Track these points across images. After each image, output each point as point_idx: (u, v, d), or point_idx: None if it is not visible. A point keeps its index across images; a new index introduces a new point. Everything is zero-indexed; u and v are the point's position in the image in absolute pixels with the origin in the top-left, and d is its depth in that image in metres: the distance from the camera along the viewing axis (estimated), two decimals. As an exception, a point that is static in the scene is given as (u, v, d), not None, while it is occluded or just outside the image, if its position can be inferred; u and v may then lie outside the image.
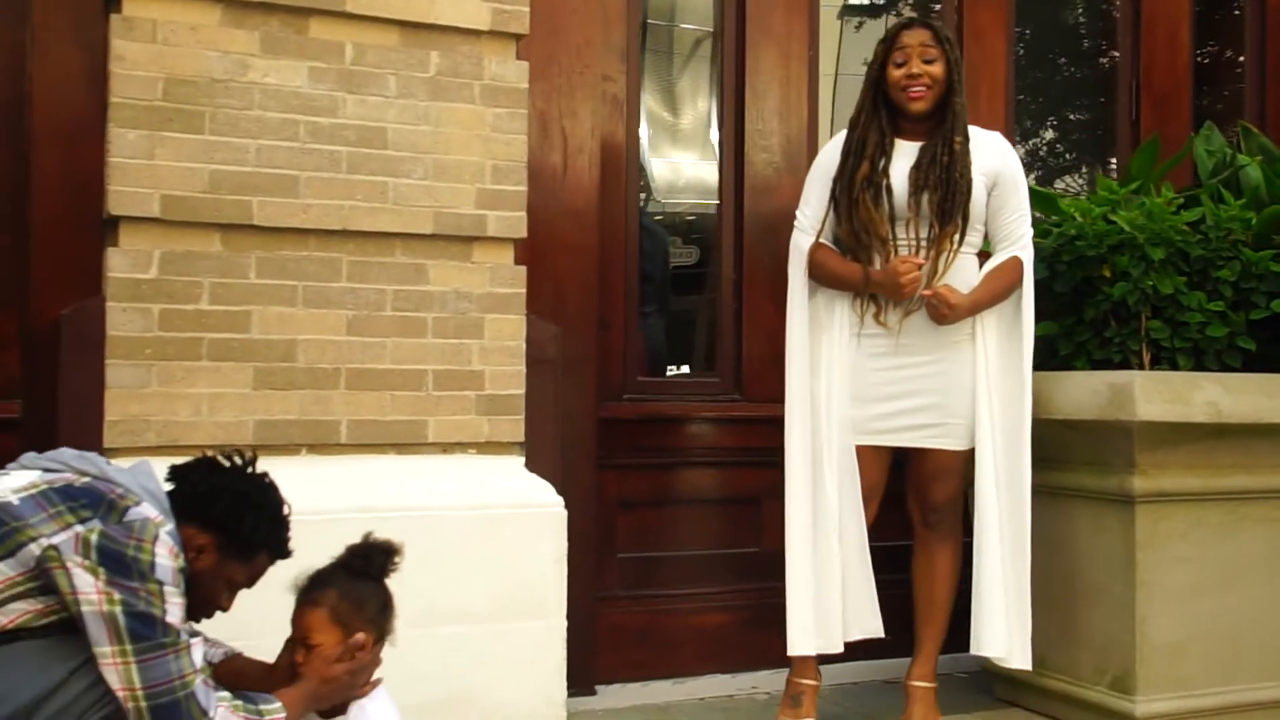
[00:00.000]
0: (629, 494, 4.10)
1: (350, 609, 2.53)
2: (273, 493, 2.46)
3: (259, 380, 3.42)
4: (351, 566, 2.58)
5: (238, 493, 2.39)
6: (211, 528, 2.36)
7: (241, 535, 2.38)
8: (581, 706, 3.74)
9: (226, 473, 2.43)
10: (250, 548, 2.41)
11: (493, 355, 3.68)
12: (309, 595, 2.53)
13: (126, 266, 3.30)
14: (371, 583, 2.59)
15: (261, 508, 2.41)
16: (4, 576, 2.14)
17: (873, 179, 3.44)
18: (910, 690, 3.51)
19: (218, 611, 2.46)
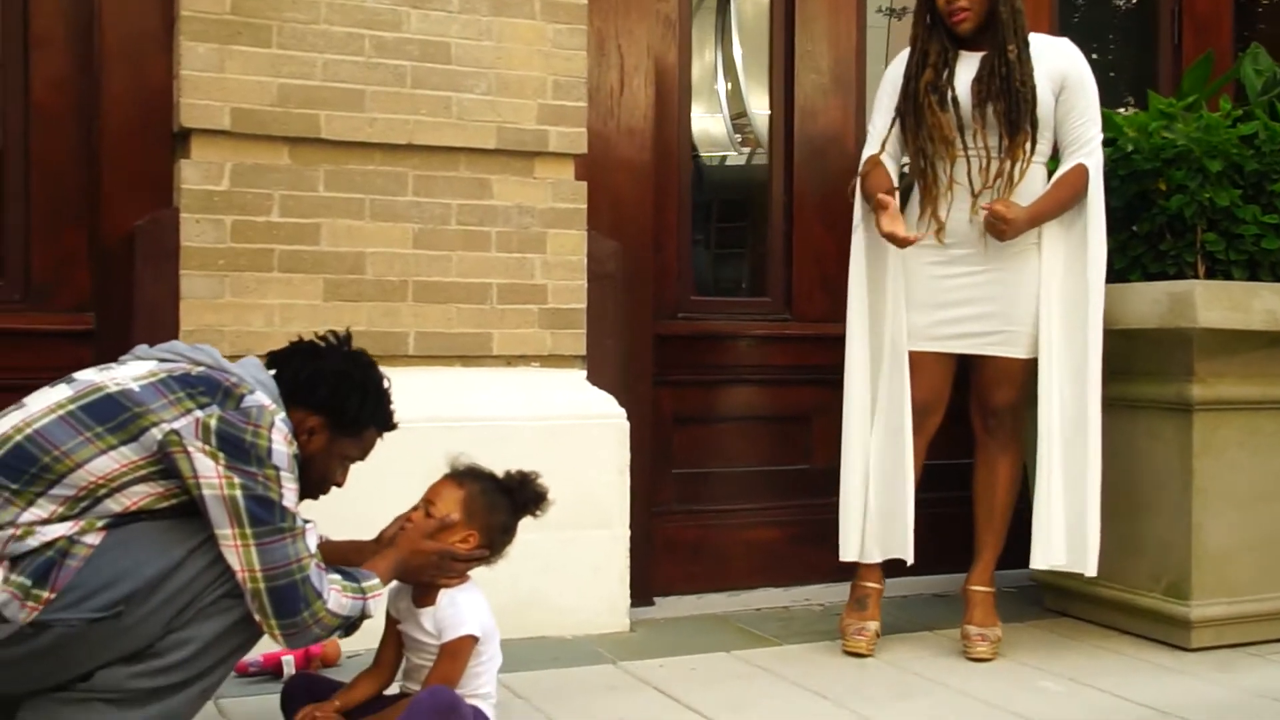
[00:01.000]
0: (684, 410, 4.15)
1: (481, 507, 2.61)
2: (373, 369, 2.52)
3: (329, 292, 3.46)
4: (504, 482, 2.65)
5: (340, 373, 2.45)
6: (320, 409, 2.41)
7: (349, 413, 2.44)
8: (641, 616, 3.80)
9: (327, 354, 2.49)
10: (358, 424, 2.47)
11: (555, 270, 3.72)
12: (458, 475, 2.64)
13: (199, 178, 3.33)
14: (511, 509, 2.66)
15: (365, 385, 2.47)
16: (127, 460, 2.19)
17: (937, 85, 3.46)
18: (969, 596, 3.57)
19: (334, 488, 2.52)
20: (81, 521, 2.15)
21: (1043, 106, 3.43)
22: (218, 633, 2.24)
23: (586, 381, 3.76)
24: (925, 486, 3.61)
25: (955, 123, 3.43)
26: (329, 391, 2.42)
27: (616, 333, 3.85)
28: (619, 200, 3.95)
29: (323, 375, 2.43)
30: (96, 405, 2.21)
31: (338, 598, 2.30)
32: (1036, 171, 3.48)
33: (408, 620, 2.65)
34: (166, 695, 2.20)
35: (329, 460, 2.46)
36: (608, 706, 2.98)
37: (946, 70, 3.47)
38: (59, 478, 2.15)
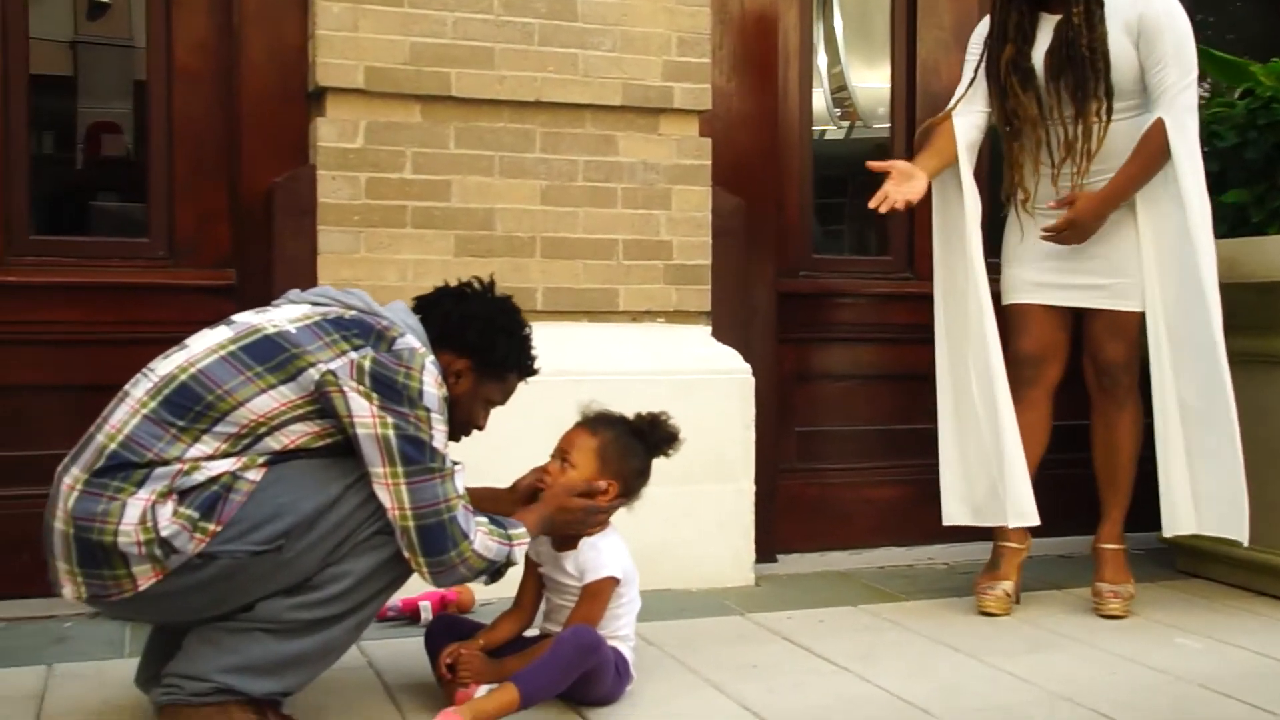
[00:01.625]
0: (806, 368, 4.16)
1: (616, 454, 2.65)
2: (517, 314, 2.57)
3: (459, 247, 3.52)
4: (636, 426, 2.68)
5: (487, 317, 2.50)
6: (467, 352, 2.46)
7: (495, 357, 2.49)
8: (764, 572, 3.81)
9: (473, 299, 2.53)
10: (503, 367, 2.52)
11: (680, 225, 3.74)
12: (593, 424, 2.67)
13: (334, 136, 3.40)
14: (643, 448, 2.69)
15: (510, 330, 2.52)
16: (286, 399, 2.26)
17: (1019, 63, 3.41)
18: (1099, 553, 3.53)
19: (475, 431, 2.58)
20: (244, 458, 2.23)
21: (1122, 61, 3.32)
22: (372, 568, 2.30)
23: (711, 337, 3.77)
24: (1053, 447, 3.58)
25: (1036, 101, 3.38)
26: (476, 335, 2.47)
27: (740, 289, 3.86)
28: (742, 157, 3.95)
29: (471, 318, 2.48)
30: (256, 346, 2.28)
31: (484, 540, 2.35)
32: (1128, 128, 3.36)
33: (549, 563, 2.70)
34: (324, 627, 2.27)
35: (473, 403, 2.51)
36: (739, 654, 3.00)
37: (1026, 44, 3.41)
38: (222, 415, 2.22)
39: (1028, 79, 3.40)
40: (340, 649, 2.34)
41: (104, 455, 2.19)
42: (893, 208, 3.28)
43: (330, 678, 2.49)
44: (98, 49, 4.69)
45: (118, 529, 2.14)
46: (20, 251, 3.40)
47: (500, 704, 2.36)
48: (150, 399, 2.24)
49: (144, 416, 2.22)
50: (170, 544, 2.15)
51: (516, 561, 2.44)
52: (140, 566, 2.16)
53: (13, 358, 3.34)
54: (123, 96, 4.29)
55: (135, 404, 2.24)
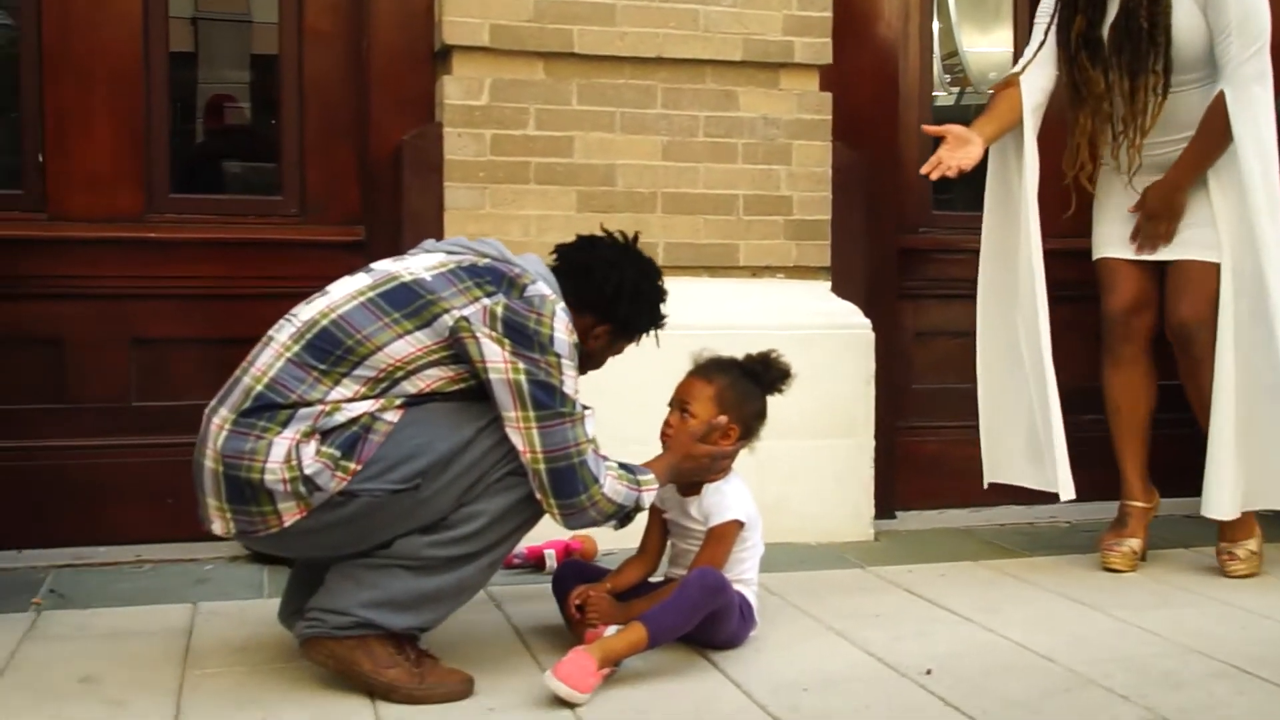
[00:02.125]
0: (925, 324, 4.14)
1: (734, 398, 2.68)
2: (650, 266, 2.61)
3: (582, 203, 3.56)
4: (750, 369, 2.71)
5: (618, 268, 2.54)
6: (600, 311, 2.52)
7: (623, 307, 2.53)
8: (883, 528, 3.82)
9: (607, 251, 2.57)
10: (631, 318, 2.56)
11: (800, 181, 3.74)
12: (707, 372, 2.70)
13: (460, 94, 3.47)
14: (758, 388, 2.72)
15: (639, 281, 2.56)
16: (421, 345, 2.32)
17: (1089, 35, 3.34)
18: None
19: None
20: (382, 400, 2.30)
21: (1191, 33, 3.25)
22: (505, 508, 2.36)
23: (831, 293, 3.77)
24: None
25: (1103, 74, 3.32)
26: (612, 293, 2.52)
27: (860, 245, 3.85)
28: (861, 112, 3.93)
29: (602, 268, 2.52)
30: (393, 293, 2.35)
31: (614, 484, 2.39)
32: (1192, 99, 3.30)
33: (674, 509, 2.74)
34: (459, 565, 2.34)
35: (603, 355, 2.58)
36: (861, 604, 3.02)
37: (1097, 15, 3.33)
38: (361, 359, 2.29)
39: (1096, 52, 3.34)
40: (474, 587, 2.41)
41: (250, 396, 2.28)
42: (944, 174, 3.23)
43: (462, 619, 2.57)
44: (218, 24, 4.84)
45: (264, 466, 2.23)
46: (161, 209, 3.52)
47: (629, 643, 2.40)
48: (294, 343, 2.32)
49: (288, 360, 2.30)
50: (313, 481, 2.23)
51: (645, 507, 2.49)
52: (285, 503, 2.25)
53: (154, 311, 3.48)
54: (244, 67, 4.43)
55: (280, 348, 2.33)
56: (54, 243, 3.40)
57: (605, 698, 2.34)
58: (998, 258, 3.51)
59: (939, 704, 2.35)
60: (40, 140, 3.42)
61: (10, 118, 3.50)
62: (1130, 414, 3.47)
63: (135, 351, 3.47)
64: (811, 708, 2.32)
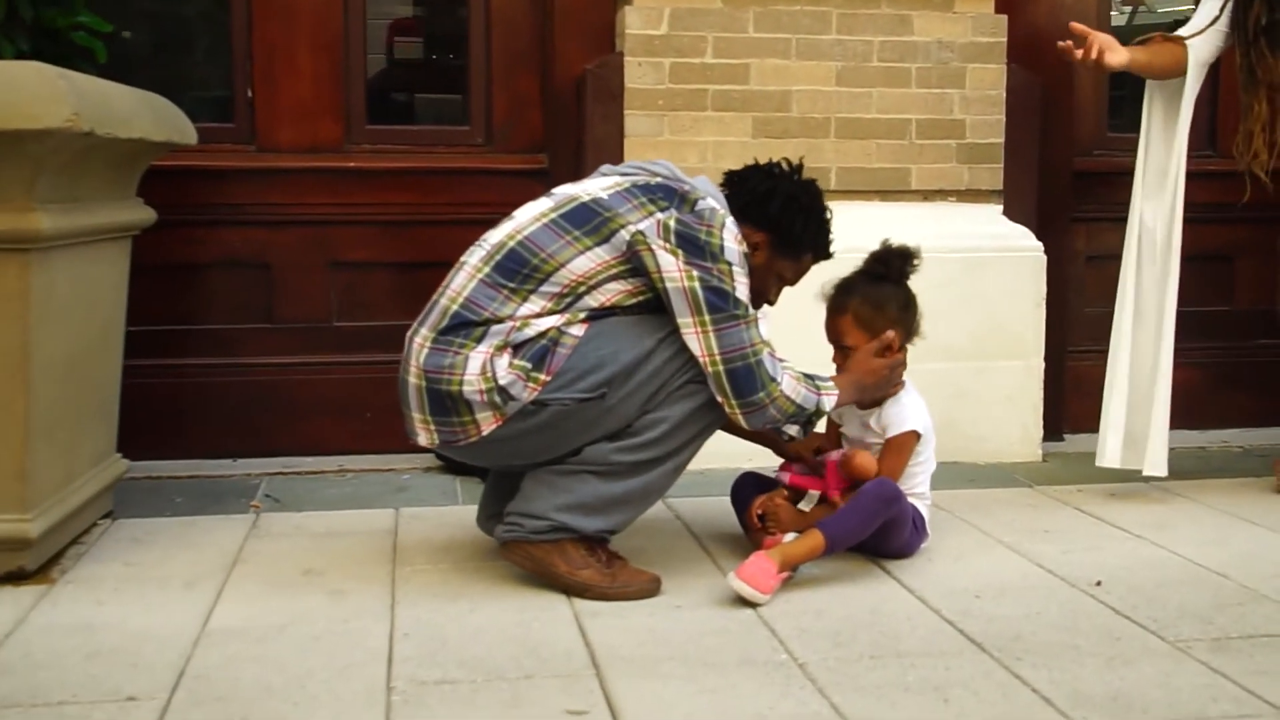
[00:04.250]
0: (1098, 248, 4.11)
1: (872, 311, 2.75)
2: (820, 198, 2.69)
3: (757, 129, 3.65)
4: (872, 273, 2.78)
5: (790, 196, 2.63)
6: (766, 226, 2.61)
7: (793, 235, 2.63)
8: (1052, 449, 3.85)
9: (779, 177, 2.66)
10: (799, 247, 2.66)
11: (973, 104, 3.76)
12: (836, 303, 2.77)
13: (640, 24, 3.57)
14: (891, 285, 2.78)
15: (810, 211, 2.65)
16: (601, 260, 2.47)
17: (1270, 20, 3.23)
18: None
19: (765, 305, 2.71)
20: (567, 314, 2.46)
21: None
22: (687, 413, 2.50)
23: (1003, 216, 3.80)
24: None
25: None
26: (778, 211, 2.61)
27: (1033, 168, 3.86)
28: (1037, 33, 3.91)
29: (775, 194, 2.61)
30: (574, 212, 2.50)
31: (792, 384, 2.51)
32: None
33: (852, 423, 2.85)
34: (645, 470, 2.50)
35: (766, 276, 2.66)
36: (1030, 520, 3.09)
37: (1276, 3, 3.21)
38: (546, 277, 2.45)
39: (1276, 39, 3.23)
40: (660, 490, 2.56)
41: (447, 316, 2.46)
42: (1084, 55, 3.19)
43: (645, 526, 2.74)
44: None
45: (463, 379, 2.41)
46: (358, 140, 3.73)
47: (808, 548, 2.53)
48: (484, 265, 2.49)
49: (480, 280, 2.47)
50: (507, 391, 2.40)
51: (826, 410, 2.58)
52: (483, 413, 2.43)
53: (350, 237, 3.70)
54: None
55: (472, 270, 2.50)
56: (262, 172, 3.63)
57: (785, 599, 2.48)
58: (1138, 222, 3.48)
59: (1110, 613, 2.43)
60: (249, 76, 3.66)
61: (222, 55, 3.73)
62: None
63: (335, 275, 3.71)
64: (984, 612, 2.42)
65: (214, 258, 3.64)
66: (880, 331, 2.75)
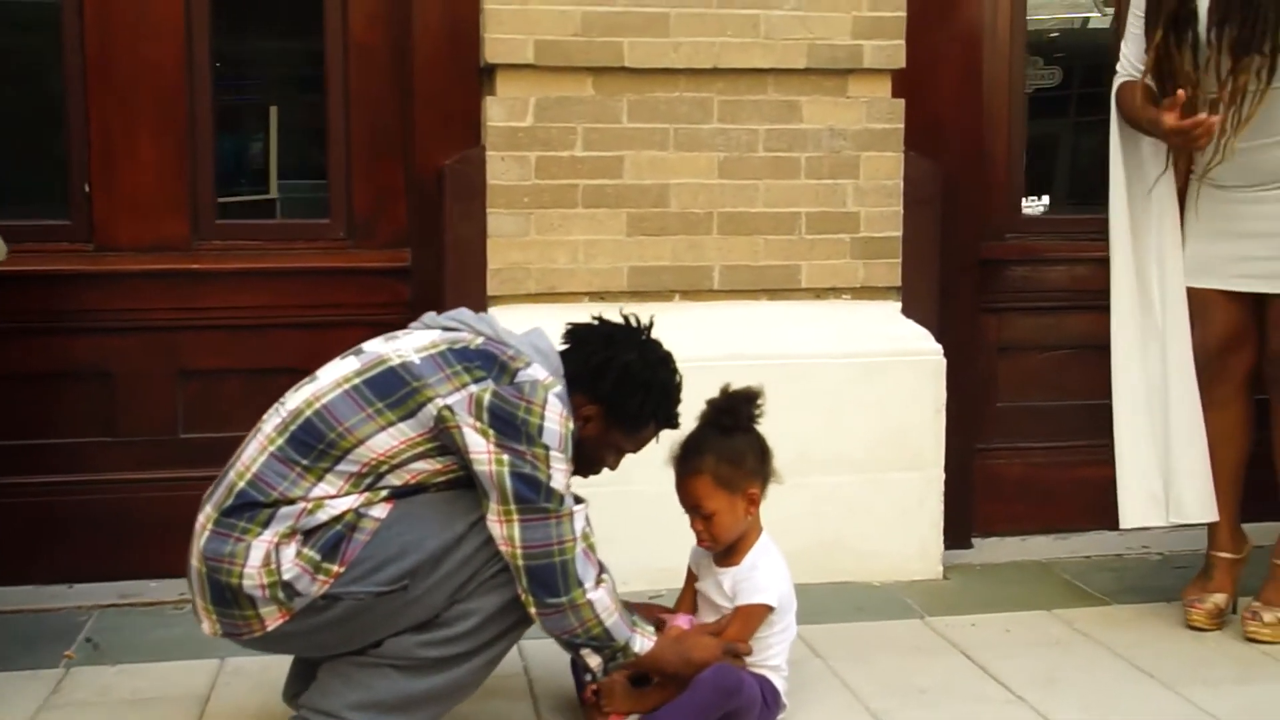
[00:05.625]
0: (1010, 339, 3.87)
1: (731, 469, 2.49)
2: (663, 366, 2.42)
3: (632, 226, 3.40)
4: (720, 424, 2.52)
5: (626, 369, 2.35)
6: (599, 399, 2.36)
7: (628, 411, 2.37)
8: (958, 559, 3.62)
9: (618, 344, 2.39)
10: (636, 422, 2.39)
11: (869, 195, 3.51)
12: (688, 465, 2.50)
13: (504, 115, 3.32)
14: (743, 435, 2.54)
15: (650, 385, 2.38)
16: (406, 437, 2.21)
17: (1179, 14, 2.99)
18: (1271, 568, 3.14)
19: (605, 470, 2.48)
20: (367, 494, 2.21)
21: None
22: (500, 605, 2.26)
23: (901, 314, 3.55)
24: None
25: (1193, 55, 2.93)
26: (613, 385, 2.35)
27: (935, 260, 3.61)
28: (941, 114, 3.66)
29: (610, 366, 2.35)
30: (379, 379, 2.24)
31: (607, 601, 2.27)
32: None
33: (706, 578, 2.61)
34: (453, 665, 2.25)
35: (602, 448, 2.41)
36: (909, 672, 2.84)
37: None
38: (344, 453, 2.20)
39: (1186, 28, 2.99)
40: (470, 687, 2.32)
41: (233, 494, 2.21)
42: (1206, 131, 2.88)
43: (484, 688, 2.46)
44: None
45: (243, 571, 2.16)
46: (207, 236, 3.46)
47: (635, 744, 2.29)
48: (278, 435, 2.24)
49: (271, 454, 2.22)
50: (293, 587, 2.15)
51: (635, 652, 2.34)
52: (267, 608, 2.18)
53: (198, 342, 3.43)
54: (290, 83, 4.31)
55: (265, 440, 2.25)
56: (102, 277, 3.37)
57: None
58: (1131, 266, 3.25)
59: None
60: (86, 167, 3.39)
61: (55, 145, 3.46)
62: (1222, 458, 3.18)
63: (183, 383, 3.45)
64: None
65: (50, 368, 3.37)
66: (742, 488, 2.50)
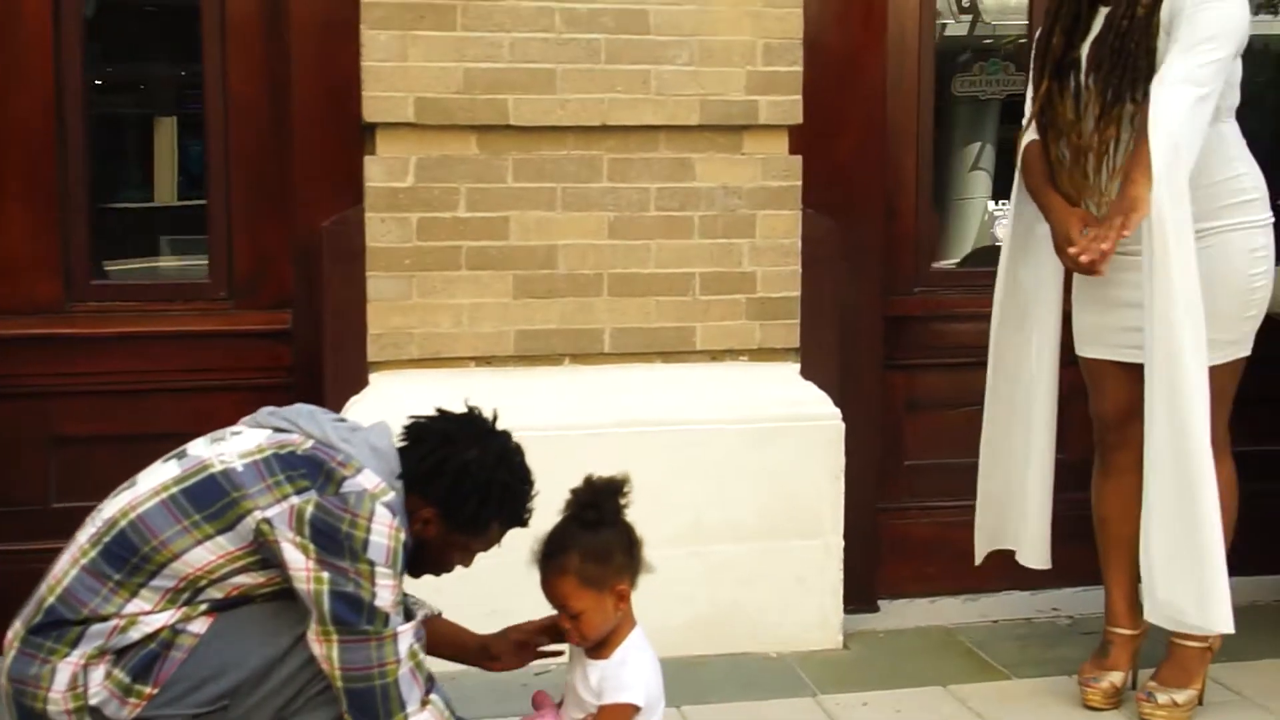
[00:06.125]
0: (918, 396, 3.78)
1: (597, 568, 2.36)
2: (504, 464, 2.27)
3: (519, 289, 3.30)
4: (585, 519, 2.40)
5: (462, 470, 2.21)
6: (434, 502, 2.23)
7: (465, 515, 2.23)
8: (862, 625, 3.53)
9: (457, 443, 2.25)
10: (476, 525, 2.26)
11: (765, 255, 3.41)
12: (551, 564, 2.38)
13: (383, 175, 3.21)
14: (609, 529, 2.42)
15: (489, 485, 2.23)
16: (224, 551, 2.10)
17: (1063, 61, 2.90)
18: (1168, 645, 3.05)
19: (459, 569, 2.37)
20: (185, 609, 2.09)
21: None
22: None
23: (800, 376, 3.45)
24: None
25: (1075, 108, 2.82)
26: (448, 488, 2.21)
27: (835, 320, 3.51)
28: (843, 168, 3.56)
29: (444, 468, 2.21)
30: (198, 488, 2.13)
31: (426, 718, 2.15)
32: None
33: (575, 669, 2.48)
34: (280, 785, 2.14)
35: (446, 550, 2.29)
36: (789, 761, 2.75)
37: (1078, 31, 2.89)
38: (159, 568, 2.09)
39: (1068, 75, 2.90)
40: (299, 809, 2.20)
41: (42, 610, 2.10)
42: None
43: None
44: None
45: (48, 696, 2.05)
46: (81, 297, 3.34)
47: None
48: (91, 547, 2.13)
49: (82, 567, 2.11)
50: (100, 712, 2.05)
51: None
52: (76, 732, 2.06)
53: (72, 408, 3.32)
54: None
55: (77, 552, 2.14)
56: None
57: None
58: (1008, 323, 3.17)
59: None
60: (-46, 229, 3.27)
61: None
62: (1119, 528, 3.08)
63: (55, 451, 3.33)
64: None
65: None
66: (611, 586, 2.36)
